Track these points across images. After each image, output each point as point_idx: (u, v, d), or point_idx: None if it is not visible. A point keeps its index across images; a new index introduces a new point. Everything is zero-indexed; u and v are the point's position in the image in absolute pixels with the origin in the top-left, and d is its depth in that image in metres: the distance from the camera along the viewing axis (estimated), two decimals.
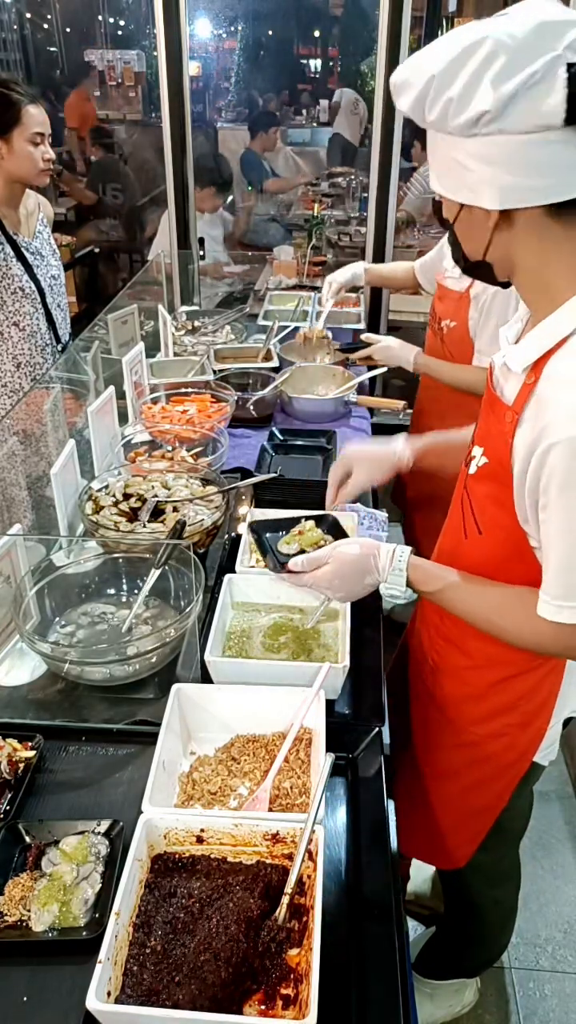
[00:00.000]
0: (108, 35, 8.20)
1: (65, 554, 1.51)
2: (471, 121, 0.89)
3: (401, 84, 0.96)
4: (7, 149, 2.21)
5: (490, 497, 1.13)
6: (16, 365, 2.39)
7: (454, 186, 0.98)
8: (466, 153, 0.93)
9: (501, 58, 0.86)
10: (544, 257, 0.98)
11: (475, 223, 0.99)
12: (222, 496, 1.67)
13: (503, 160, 0.91)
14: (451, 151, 0.95)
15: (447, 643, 1.35)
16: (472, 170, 0.93)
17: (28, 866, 1.00)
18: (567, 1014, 1.89)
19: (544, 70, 0.84)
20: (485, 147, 0.91)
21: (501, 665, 1.26)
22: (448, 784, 1.44)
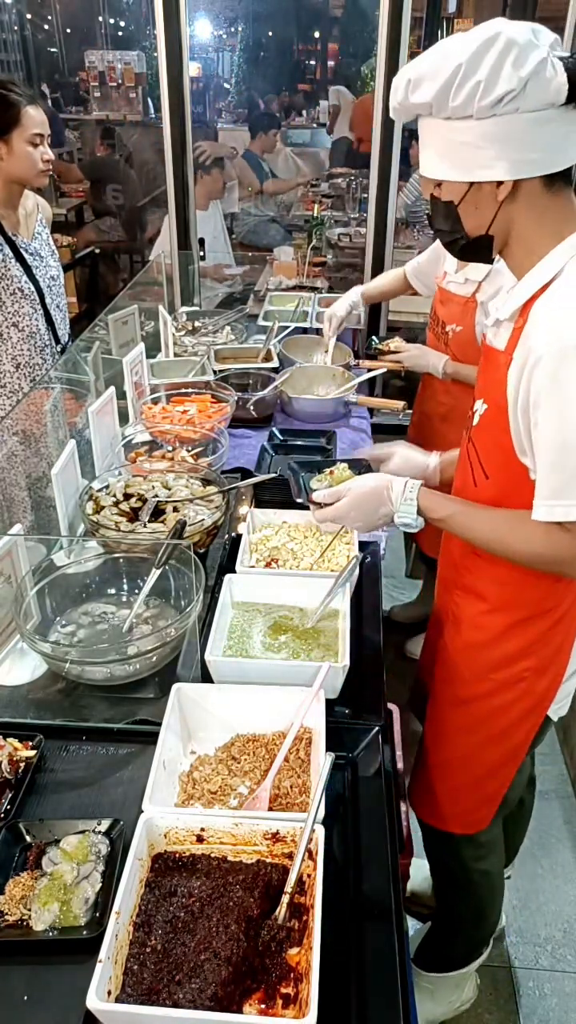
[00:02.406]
0: (108, 36, 8.21)
1: (66, 554, 1.52)
2: (495, 101, 1.03)
3: (420, 77, 1.07)
4: (6, 150, 2.21)
5: (493, 442, 1.24)
6: (15, 366, 2.39)
7: (464, 167, 1.11)
8: (479, 134, 1.07)
9: (515, 49, 1.02)
10: (537, 223, 1.14)
11: (483, 199, 1.13)
12: (222, 496, 1.67)
13: (514, 137, 1.06)
14: (462, 136, 1.08)
15: (464, 592, 1.43)
16: (485, 149, 1.08)
17: (29, 865, 1.00)
18: (567, 1013, 1.89)
19: (547, 59, 1.03)
20: (500, 126, 1.06)
21: (516, 607, 1.34)
22: (467, 738, 1.48)
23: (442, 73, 1.05)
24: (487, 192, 1.12)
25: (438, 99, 1.06)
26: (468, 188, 1.13)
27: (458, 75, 1.04)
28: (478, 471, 1.30)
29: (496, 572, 1.34)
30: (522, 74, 1.02)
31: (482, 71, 1.03)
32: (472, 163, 1.10)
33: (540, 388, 1.08)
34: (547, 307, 1.11)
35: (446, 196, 1.16)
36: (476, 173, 1.11)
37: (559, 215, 1.14)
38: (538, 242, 1.15)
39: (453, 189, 1.14)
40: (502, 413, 1.18)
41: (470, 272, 2.11)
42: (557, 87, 1.03)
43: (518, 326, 1.16)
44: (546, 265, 1.14)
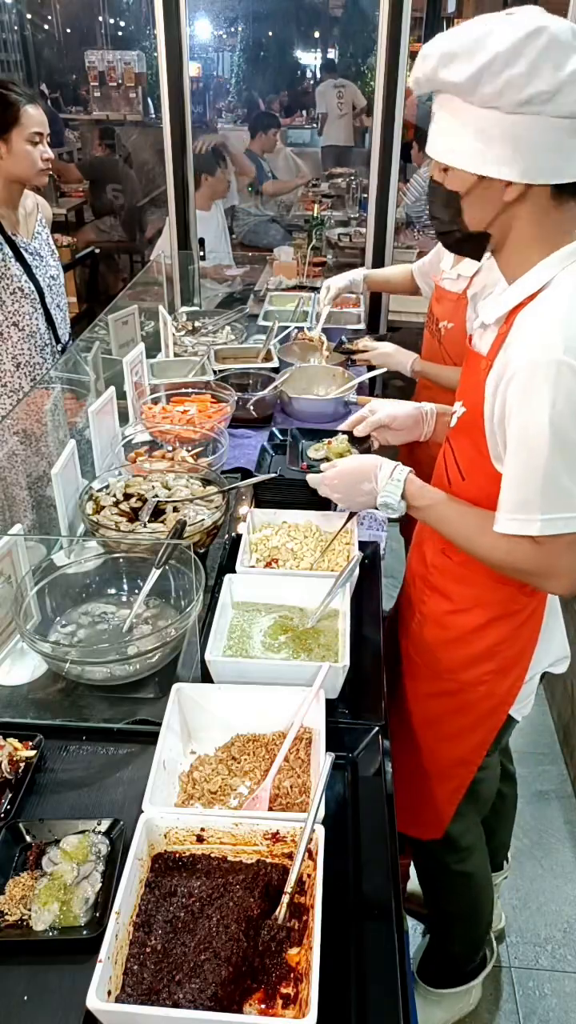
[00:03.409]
0: (108, 36, 8.22)
1: (66, 554, 1.52)
2: (527, 98, 1.00)
3: (454, 53, 1.03)
4: (6, 149, 2.21)
5: (470, 444, 1.25)
6: (16, 365, 2.39)
7: (478, 158, 1.07)
8: (502, 128, 1.03)
9: (557, 48, 0.99)
10: (537, 230, 1.12)
11: (489, 195, 1.10)
12: (222, 496, 1.67)
13: (538, 139, 1.03)
14: (483, 125, 1.04)
15: (432, 591, 1.45)
16: (504, 145, 1.04)
17: (29, 865, 1.00)
18: (567, 1013, 1.90)
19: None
20: (525, 125, 1.02)
21: (481, 608, 1.36)
22: (429, 732, 1.51)
23: (479, 57, 1.01)
24: (495, 189, 1.09)
25: (469, 82, 1.02)
26: (477, 181, 1.10)
27: (494, 63, 1.00)
28: (454, 471, 1.32)
29: (464, 573, 1.36)
30: (560, 76, 0.98)
31: (520, 65, 0.99)
32: (487, 156, 1.06)
33: (512, 402, 1.09)
34: (530, 318, 1.10)
35: (451, 184, 1.13)
36: (489, 168, 1.07)
37: (560, 226, 1.12)
38: (534, 249, 1.13)
39: (461, 179, 1.11)
40: (479, 417, 1.19)
41: (463, 268, 2.11)
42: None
43: (502, 332, 1.16)
44: (537, 273, 1.12)
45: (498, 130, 1.04)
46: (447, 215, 1.16)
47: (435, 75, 1.06)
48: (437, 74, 1.06)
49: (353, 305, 3.25)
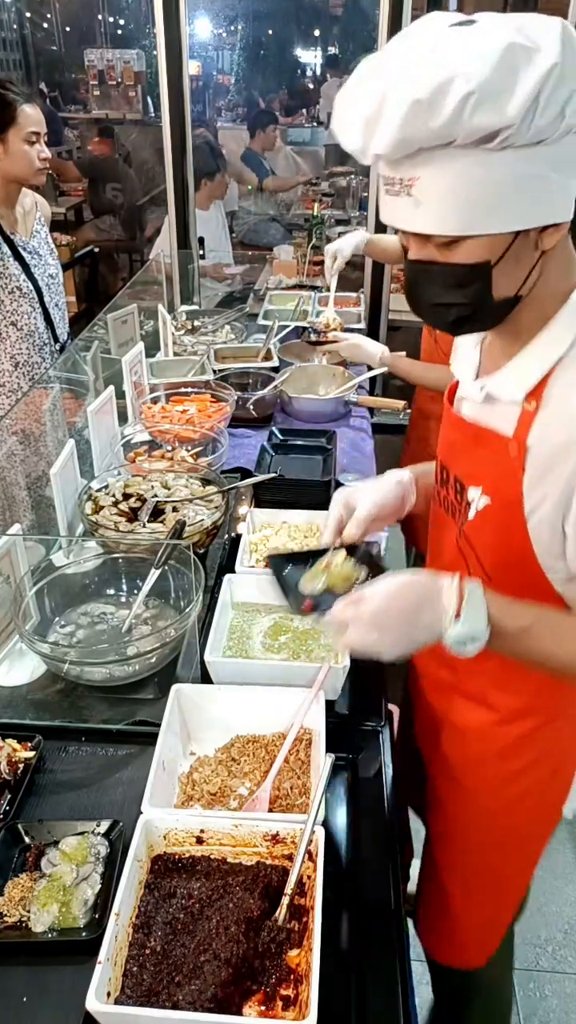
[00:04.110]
0: (108, 34, 8.20)
1: (65, 554, 1.51)
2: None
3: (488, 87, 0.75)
4: (3, 149, 2.21)
5: (499, 541, 1.01)
6: (14, 364, 2.38)
7: (515, 212, 0.83)
8: (552, 160, 0.81)
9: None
10: (560, 274, 0.92)
11: (524, 250, 0.87)
12: (222, 496, 1.67)
13: (572, 160, 0.83)
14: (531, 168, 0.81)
15: (467, 700, 1.22)
16: (551, 181, 0.82)
17: (28, 867, 0.99)
18: (567, 1014, 1.89)
19: None
20: (570, 146, 0.82)
21: (530, 716, 1.17)
22: (475, 859, 1.28)
23: (529, 78, 0.75)
24: (531, 240, 0.86)
25: (520, 120, 0.76)
26: (514, 239, 0.85)
27: (549, 81, 0.75)
28: (476, 570, 1.07)
29: (507, 678, 1.13)
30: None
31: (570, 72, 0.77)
32: (531, 202, 0.83)
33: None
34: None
35: (471, 256, 0.86)
36: (532, 215, 0.84)
37: (572, 261, 0.94)
38: (553, 299, 0.93)
39: (487, 245, 0.85)
40: (513, 508, 0.96)
41: None
42: None
43: (530, 409, 0.94)
44: (557, 334, 0.93)
45: (550, 165, 0.81)
46: (469, 295, 0.89)
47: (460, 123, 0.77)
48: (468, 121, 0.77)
49: (354, 304, 3.25)
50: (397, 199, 0.85)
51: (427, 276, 0.90)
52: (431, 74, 0.76)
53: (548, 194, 0.83)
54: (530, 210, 0.83)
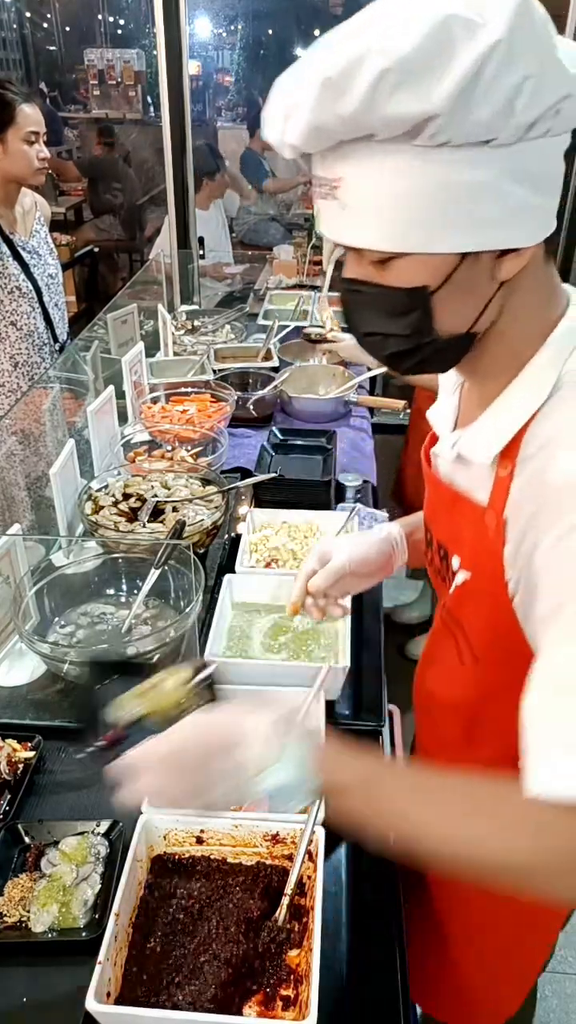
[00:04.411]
0: (108, 34, 8.21)
1: (65, 554, 1.51)
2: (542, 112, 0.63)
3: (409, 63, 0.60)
4: (2, 149, 2.21)
5: (483, 619, 0.88)
6: (14, 364, 2.38)
7: (459, 228, 0.67)
8: (501, 170, 0.65)
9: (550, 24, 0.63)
10: (535, 307, 0.75)
11: (476, 278, 0.70)
12: (222, 496, 1.67)
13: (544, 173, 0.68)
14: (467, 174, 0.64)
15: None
16: (503, 196, 0.66)
17: (28, 867, 0.99)
18: (567, 1014, 1.89)
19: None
20: (529, 156, 0.66)
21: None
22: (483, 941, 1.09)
23: (464, 57, 0.59)
24: (484, 266, 0.69)
25: (451, 108, 0.60)
26: (459, 262, 0.68)
27: (489, 64, 0.59)
28: (465, 652, 0.93)
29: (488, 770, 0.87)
30: (573, 70, 0.64)
31: (531, 57, 0.61)
32: (477, 218, 0.66)
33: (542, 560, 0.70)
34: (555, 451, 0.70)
35: (406, 279, 0.69)
36: (481, 235, 0.67)
37: (551, 293, 0.77)
38: (527, 339, 0.75)
39: (426, 266, 0.68)
40: (495, 585, 0.81)
41: None
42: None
43: (503, 475, 0.77)
44: (530, 383, 0.75)
45: (497, 175, 0.65)
46: (407, 327, 0.72)
47: (373, 111, 0.62)
48: (382, 107, 0.61)
49: None
50: (325, 203, 0.71)
51: (360, 299, 0.74)
52: (346, 48, 0.61)
53: (503, 210, 0.66)
54: (476, 228, 0.66)
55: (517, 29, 0.60)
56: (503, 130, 0.63)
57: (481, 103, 0.61)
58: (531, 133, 0.64)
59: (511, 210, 0.67)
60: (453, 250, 0.68)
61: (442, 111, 0.61)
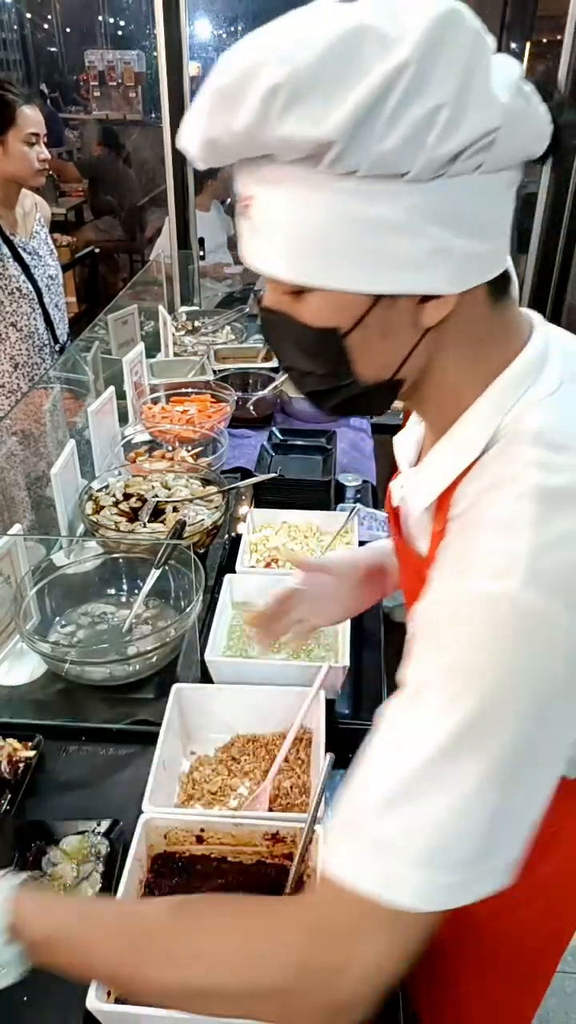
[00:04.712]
0: (108, 35, 8.21)
1: (65, 554, 1.52)
2: (461, 147, 0.55)
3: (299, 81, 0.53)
4: (2, 150, 2.21)
5: None
6: (14, 366, 2.39)
7: (368, 268, 0.59)
8: (411, 207, 0.57)
9: (485, 47, 0.56)
10: (474, 355, 0.67)
11: (395, 323, 0.62)
12: (222, 496, 1.67)
13: (470, 214, 0.59)
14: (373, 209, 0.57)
15: None
16: (417, 236, 0.58)
17: (28, 866, 0.99)
18: (567, 1014, 1.89)
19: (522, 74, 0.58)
20: (450, 195, 0.57)
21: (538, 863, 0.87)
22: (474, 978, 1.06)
23: (365, 79, 0.52)
24: (403, 311, 0.62)
25: (349, 136, 0.53)
26: (372, 304, 0.61)
27: (396, 88, 0.52)
28: None
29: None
30: (504, 99, 0.55)
31: (447, 84, 0.53)
32: (388, 259, 0.59)
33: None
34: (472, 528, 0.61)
35: (319, 317, 0.63)
36: (392, 278, 0.59)
37: (499, 338, 0.67)
38: (466, 387, 0.67)
39: (333, 306, 0.61)
40: None
41: None
42: (540, 130, 0.60)
43: (436, 531, 0.70)
44: (466, 432, 0.67)
45: (407, 213, 0.57)
46: (324, 367, 0.66)
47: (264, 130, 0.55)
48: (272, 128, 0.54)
49: None
50: (240, 221, 0.63)
51: (276, 331, 0.67)
52: (246, 54, 0.55)
53: (418, 253, 0.58)
54: (388, 270, 0.59)
55: (431, 50, 0.52)
56: (415, 165, 0.54)
57: (385, 133, 0.53)
58: (455, 168, 0.56)
59: (428, 253, 0.58)
60: (362, 290, 0.60)
61: (338, 139, 0.53)
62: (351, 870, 0.58)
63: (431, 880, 0.56)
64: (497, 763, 0.55)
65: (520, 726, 0.55)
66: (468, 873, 0.56)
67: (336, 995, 0.58)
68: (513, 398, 0.65)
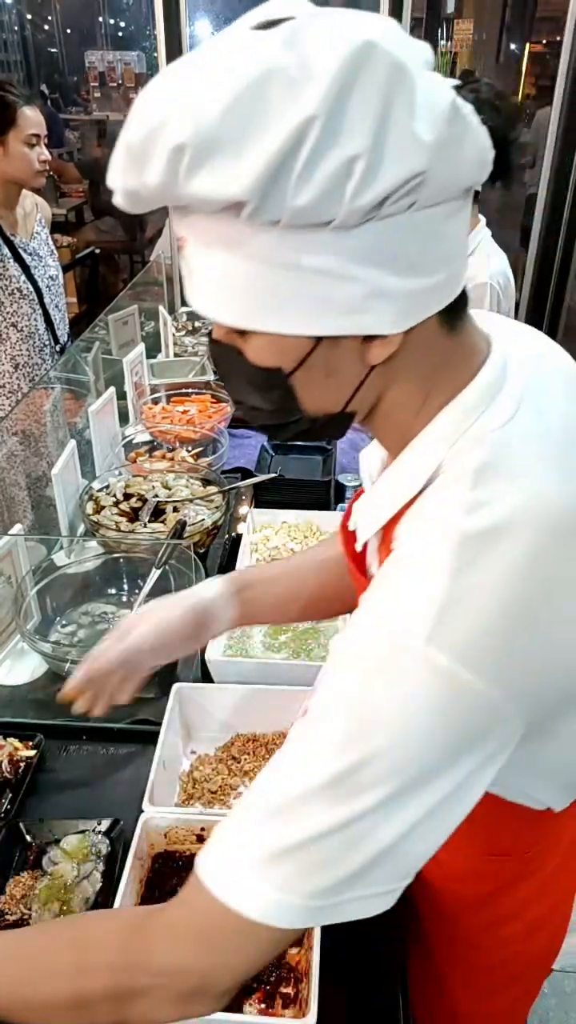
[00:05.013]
0: (109, 36, 8.22)
1: (66, 554, 1.52)
2: (385, 194, 0.51)
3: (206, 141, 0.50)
4: (2, 151, 2.21)
5: None
6: (15, 366, 2.39)
7: (304, 312, 0.57)
8: (340, 253, 0.54)
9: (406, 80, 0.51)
10: (426, 385, 0.64)
11: (340, 361, 0.60)
12: (222, 496, 1.68)
13: (406, 252, 0.55)
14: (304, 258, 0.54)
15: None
16: (350, 281, 0.55)
17: (29, 865, 1.00)
18: (567, 1013, 1.90)
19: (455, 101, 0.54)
20: (382, 236, 0.54)
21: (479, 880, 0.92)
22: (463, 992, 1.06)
23: (272, 135, 0.49)
24: (348, 349, 0.60)
25: (260, 194, 0.51)
26: (314, 346, 0.59)
27: (306, 143, 0.49)
28: None
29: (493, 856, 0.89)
30: (428, 138, 0.51)
31: (360, 133, 0.50)
32: (321, 303, 0.56)
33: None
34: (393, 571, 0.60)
35: (262, 357, 0.61)
36: (328, 322, 0.57)
37: (451, 370, 0.64)
38: (419, 414, 0.65)
39: (275, 348, 0.60)
40: None
41: None
42: (479, 158, 0.56)
43: (382, 559, 0.69)
44: (410, 465, 0.65)
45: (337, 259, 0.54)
46: (272, 403, 0.64)
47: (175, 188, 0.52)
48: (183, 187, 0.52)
49: None
50: (181, 259, 0.61)
51: (225, 364, 0.65)
52: (151, 110, 0.53)
53: (353, 296, 0.56)
54: (323, 313, 0.57)
55: (340, 98, 0.49)
56: (337, 215, 0.51)
57: (299, 188, 0.50)
58: (384, 212, 0.52)
59: (365, 297, 0.56)
60: (299, 334, 0.58)
61: (249, 198, 0.50)
62: (218, 878, 0.59)
63: (289, 902, 0.57)
64: (373, 811, 0.55)
65: (401, 784, 0.54)
66: (330, 900, 0.57)
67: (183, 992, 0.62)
68: (460, 429, 0.62)
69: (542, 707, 0.58)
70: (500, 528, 0.55)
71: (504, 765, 0.58)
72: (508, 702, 0.55)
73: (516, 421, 0.61)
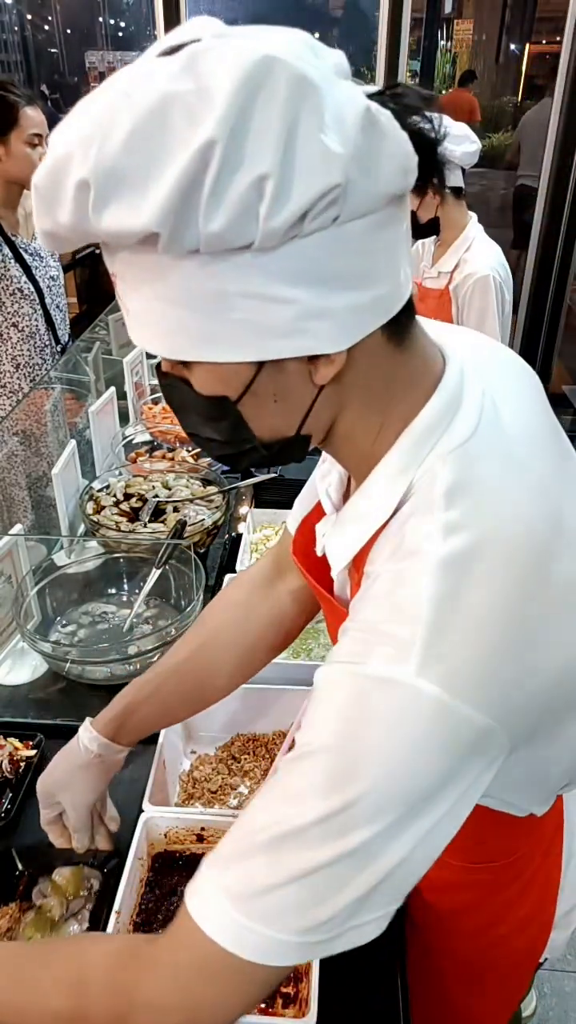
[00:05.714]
0: (109, 36, 8.24)
1: (66, 554, 1.52)
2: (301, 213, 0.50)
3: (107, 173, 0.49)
4: (4, 151, 2.22)
5: None
6: (15, 366, 2.39)
7: (241, 338, 0.55)
8: (267, 275, 0.52)
9: (312, 93, 0.50)
10: (379, 402, 0.62)
11: (287, 385, 0.59)
12: (222, 496, 1.68)
13: (334, 269, 0.54)
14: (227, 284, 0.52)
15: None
16: (281, 303, 0.53)
17: (17, 895, 0.96)
18: (566, 1013, 1.90)
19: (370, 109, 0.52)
20: (308, 254, 0.52)
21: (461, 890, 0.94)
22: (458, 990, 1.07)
23: (172, 164, 0.48)
24: (293, 372, 0.58)
25: (170, 225, 0.49)
26: (256, 371, 0.57)
27: (209, 170, 0.48)
28: None
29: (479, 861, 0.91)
30: (340, 149, 0.50)
31: (265, 153, 0.48)
32: (257, 329, 0.55)
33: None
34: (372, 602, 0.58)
35: (207, 387, 0.59)
36: (265, 346, 0.55)
37: (406, 384, 0.62)
38: (383, 434, 0.63)
39: (217, 377, 0.58)
40: None
41: (443, 265, 2.14)
42: (401, 165, 0.54)
43: (355, 581, 0.70)
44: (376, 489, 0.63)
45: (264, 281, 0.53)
46: (224, 433, 0.63)
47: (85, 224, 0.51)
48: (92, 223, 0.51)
49: None
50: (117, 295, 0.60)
51: (177, 397, 0.63)
52: (56, 149, 0.51)
53: (285, 318, 0.54)
54: (257, 338, 0.55)
55: (239, 120, 0.48)
56: (255, 237, 0.50)
57: (209, 214, 0.49)
58: (305, 229, 0.51)
59: (298, 317, 0.54)
60: (240, 360, 0.56)
61: (160, 228, 0.49)
62: (207, 914, 0.58)
63: (281, 939, 0.56)
64: (365, 846, 0.54)
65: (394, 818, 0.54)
66: (323, 935, 0.57)
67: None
68: (424, 450, 0.61)
69: (527, 724, 0.58)
70: (475, 551, 0.55)
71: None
72: (495, 722, 0.54)
73: (479, 436, 0.60)
